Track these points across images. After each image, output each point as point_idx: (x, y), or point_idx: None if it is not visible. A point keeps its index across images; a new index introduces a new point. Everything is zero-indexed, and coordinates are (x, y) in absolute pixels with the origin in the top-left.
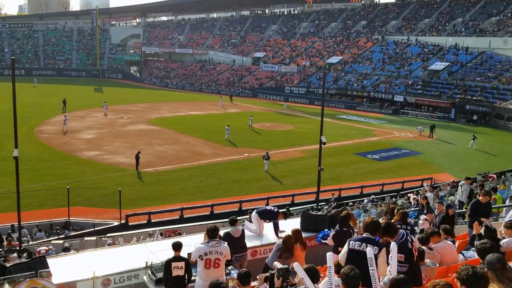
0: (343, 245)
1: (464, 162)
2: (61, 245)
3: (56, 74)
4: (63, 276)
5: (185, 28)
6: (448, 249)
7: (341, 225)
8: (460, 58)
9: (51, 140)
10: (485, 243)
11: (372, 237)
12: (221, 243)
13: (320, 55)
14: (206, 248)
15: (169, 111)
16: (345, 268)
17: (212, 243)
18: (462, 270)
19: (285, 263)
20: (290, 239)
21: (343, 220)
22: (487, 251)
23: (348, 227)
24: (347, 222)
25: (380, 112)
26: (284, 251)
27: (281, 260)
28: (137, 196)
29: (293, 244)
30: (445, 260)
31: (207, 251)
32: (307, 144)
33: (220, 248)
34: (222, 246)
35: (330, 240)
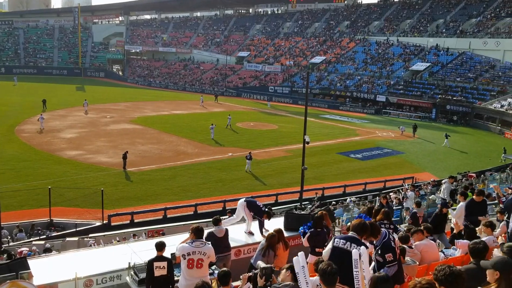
0: (318, 246)
1: (444, 161)
2: (42, 246)
3: (37, 73)
4: (45, 277)
5: (169, 26)
6: (430, 248)
7: (316, 225)
8: (441, 59)
9: (32, 139)
10: (479, 243)
11: (358, 237)
12: (205, 244)
13: (303, 55)
14: (189, 248)
15: (153, 110)
16: (323, 264)
17: (196, 243)
18: (438, 271)
19: (269, 262)
20: (273, 237)
21: (317, 220)
22: (480, 251)
23: (322, 228)
24: (321, 223)
25: (363, 112)
26: (267, 249)
27: (265, 259)
28: (120, 196)
29: (275, 242)
30: (426, 258)
31: (190, 251)
32: (290, 144)
33: (204, 249)
34: (206, 246)
35: (305, 241)
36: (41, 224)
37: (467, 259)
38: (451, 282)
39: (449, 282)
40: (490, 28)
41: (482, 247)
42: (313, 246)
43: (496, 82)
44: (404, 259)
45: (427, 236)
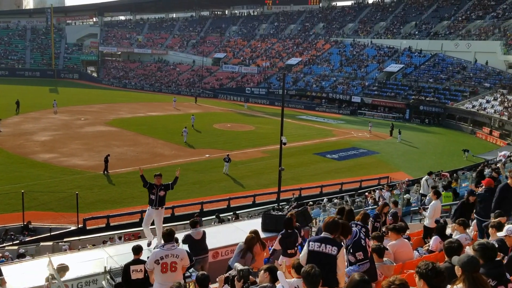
0: (290, 247)
1: (418, 161)
2: (15, 251)
3: (9, 74)
4: (18, 283)
5: (144, 28)
6: (403, 247)
7: (286, 227)
8: (414, 60)
9: (4, 142)
10: (453, 242)
11: (331, 236)
12: (177, 246)
13: (279, 56)
14: (161, 252)
15: (128, 112)
16: (306, 266)
17: (167, 246)
18: (422, 265)
19: (247, 264)
20: (252, 240)
21: (287, 222)
22: (454, 250)
23: (293, 229)
24: (291, 224)
25: (338, 112)
26: (246, 251)
27: (243, 260)
28: (95, 199)
29: (254, 243)
30: (400, 258)
31: (163, 255)
32: (268, 145)
33: (176, 251)
34: (177, 249)
35: (277, 244)
36: (15, 229)
37: (440, 257)
38: (430, 277)
39: (429, 277)
40: (461, 30)
41: (456, 246)
42: (285, 248)
43: (467, 83)
44: (381, 259)
45: (402, 236)
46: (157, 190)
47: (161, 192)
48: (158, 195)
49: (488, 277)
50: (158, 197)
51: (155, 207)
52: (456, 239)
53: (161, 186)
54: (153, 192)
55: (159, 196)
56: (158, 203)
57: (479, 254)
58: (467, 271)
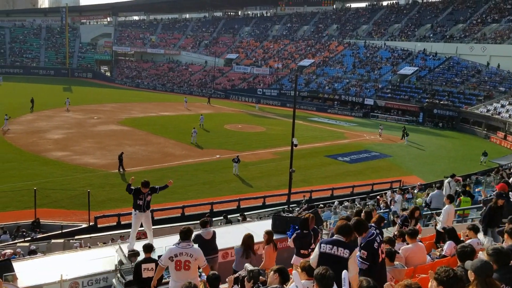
0: (304, 248)
1: (431, 165)
2: (27, 248)
3: (24, 73)
4: (30, 279)
5: (157, 28)
6: (416, 252)
7: (302, 228)
8: (428, 63)
9: (18, 140)
10: (466, 247)
11: (344, 239)
12: (192, 245)
13: (292, 58)
14: (176, 249)
15: (140, 112)
16: (320, 268)
17: (182, 245)
18: (441, 272)
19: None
20: (249, 238)
21: (303, 223)
22: (467, 254)
23: (309, 230)
24: (307, 225)
25: (351, 115)
26: (246, 251)
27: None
28: (107, 197)
29: (252, 243)
30: (413, 262)
31: (177, 253)
32: (278, 146)
33: (191, 250)
34: (193, 248)
35: (291, 242)
36: (26, 226)
37: (453, 261)
38: (451, 284)
39: (449, 284)
40: (476, 33)
41: (469, 250)
42: (298, 248)
43: (482, 87)
44: (392, 263)
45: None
46: (145, 195)
47: (149, 197)
48: (146, 200)
49: (501, 282)
50: (146, 202)
51: (143, 211)
52: (468, 244)
53: (148, 192)
54: (141, 197)
55: (146, 201)
56: (146, 207)
57: (493, 259)
58: (480, 276)
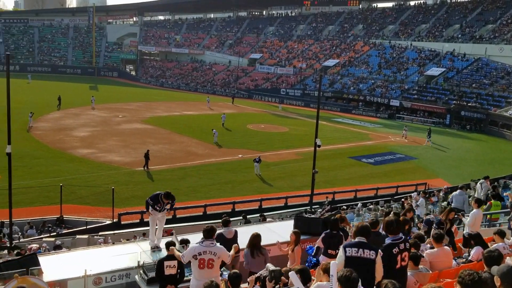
0: (332, 248)
1: (458, 168)
2: (52, 243)
3: (51, 71)
4: (54, 274)
5: (182, 27)
6: (442, 256)
7: (332, 227)
8: (456, 64)
9: (45, 137)
10: (493, 252)
11: (366, 240)
12: (216, 244)
13: (316, 58)
14: (200, 248)
15: (164, 111)
16: (344, 270)
17: (206, 243)
18: (466, 275)
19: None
20: (255, 237)
21: (333, 223)
22: (494, 259)
23: (338, 230)
24: (337, 225)
25: (376, 116)
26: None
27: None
28: (130, 195)
29: (259, 242)
30: (438, 266)
31: (201, 251)
32: (301, 147)
33: (214, 249)
34: (216, 247)
35: (319, 241)
36: (51, 221)
37: (479, 266)
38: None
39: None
40: (506, 34)
41: (496, 255)
42: (327, 247)
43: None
44: (417, 266)
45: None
46: (164, 204)
47: (168, 206)
48: (164, 208)
49: None
50: (164, 208)
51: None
52: (495, 248)
53: (168, 202)
54: (159, 206)
55: (164, 208)
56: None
57: None
58: (507, 282)
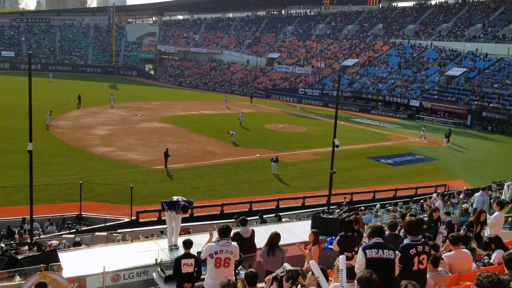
0: (348, 249)
1: (479, 169)
2: (72, 239)
3: (72, 70)
4: (74, 270)
5: (201, 27)
6: (461, 258)
7: (346, 229)
8: (478, 64)
9: (65, 135)
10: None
11: (383, 241)
12: (232, 242)
13: (335, 57)
14: (216, 247)
15: (182, 110)
16: (364, 271)
17: (222, 242)
18: (484, 277)
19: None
20: (275, 236)
21: (348, 224)
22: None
23: (353, 232)
24: (352, 227)
25: (395, 116)
26: (269, 249)
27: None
28: (148, 193)
29: (278, 241)
30: (457, 269)
31: (217, 250)
32: (319, 147)
33: (231, 248)
34: (232, 245)
35: (335, 245)
36: (71, 218)
37: (500, 270)
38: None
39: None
40: None
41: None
42: (342, 250)
43: None
44: (436, 268)
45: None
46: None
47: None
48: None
49: None
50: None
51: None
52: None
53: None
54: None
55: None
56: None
57: None
58: None
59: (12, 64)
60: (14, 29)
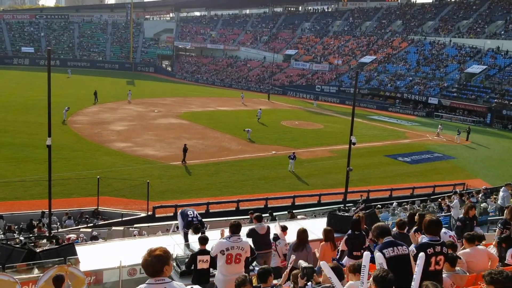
0: (356, 249)
1: (498, 168)
2: (89, 233)
3: (90, 66)
4: (91, 264)
5: (218, 23)
6: (476, 256)
7: (353, 228)
8: (499, 62)
9: (83, 130)
10: None
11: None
12: (243, 239)
13: (352, 54)
14: (228, 243)
15: (199, 106)
16: (380, 270)
17: (233, 238)
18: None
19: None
20: (303, 233)
21: (355, 223)
22: None
23: (360, 231)
24: (359, 226)
25: (413, 114)
26: (298, 245)
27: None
28: (165, 188)
29: (307, 238)
30: (473, 267)
31: (228, 246)
32: (336, 144)
33: (242, 244)
34: (243, 241)
35: (343, 244)
36: (89, 213)
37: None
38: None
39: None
40: None
41: None
42: (350, 249)
43: None
44: (453, 268)
45: (477, 245)
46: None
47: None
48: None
49: None
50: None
51: None
52: None
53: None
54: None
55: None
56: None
57: None
58: None
59: (32, 60)
60: (34, 26)
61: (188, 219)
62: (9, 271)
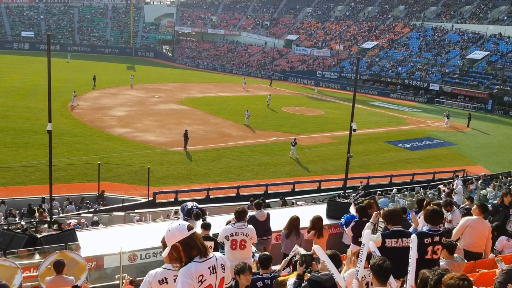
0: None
1: (499, 155)
2: (90, 218)
3: (90, 51)
4: (92, 249)
5: (218, 8)
6: (479, 223)
7: (361, 215)
8: (501, 48)
9: (84, 115)
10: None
11: (402, 228)
12: (247, 225)
13: (354, 40)
14: (232, 229)
15: (199, 92)
16: (377, 258)
17: (238, 225)
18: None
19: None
20: (295, 220)
21: (362, 210)
22: None
23: (368, 217)
24: (366, 212)
25: (414, 100)
26: (289, 232)
27: (289, 240)
28: (165, 174)
29: (298, 224)
30: (471, 233)
31: (233, 232)
32: (336, 130)
33: (246, 230)
34: (248, 228)
35: (349, 230)
36: (91, 198)
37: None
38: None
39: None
40: None
41: None
42: (356, 236)
43: None
44: (451, 255)
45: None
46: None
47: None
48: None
49: None
50: None
51: None
52: None
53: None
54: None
55: None
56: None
57: None
58: None
59: (32, 44)
60: (33, 10)
61: (187, 207)
62: (11, 256)
